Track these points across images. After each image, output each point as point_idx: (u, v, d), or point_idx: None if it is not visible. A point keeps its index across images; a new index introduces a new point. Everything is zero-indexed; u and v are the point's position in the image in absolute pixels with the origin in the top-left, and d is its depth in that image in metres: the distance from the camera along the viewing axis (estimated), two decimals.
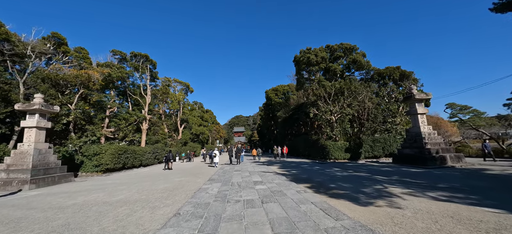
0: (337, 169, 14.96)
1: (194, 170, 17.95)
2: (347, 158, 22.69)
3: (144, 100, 31.99)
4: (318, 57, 26.22)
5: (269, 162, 22.82)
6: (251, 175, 12.58)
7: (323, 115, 23.84)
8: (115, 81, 26.09)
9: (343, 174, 12.54)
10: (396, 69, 24.52)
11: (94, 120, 23.73)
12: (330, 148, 22.51)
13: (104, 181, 14.62)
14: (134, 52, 32.67)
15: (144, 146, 30.04)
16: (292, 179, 10.98)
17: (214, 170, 16.84)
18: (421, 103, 17.67)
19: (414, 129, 17.51)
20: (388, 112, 23.16)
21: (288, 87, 57.32)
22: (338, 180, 10.23)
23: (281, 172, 13.93)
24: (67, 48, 23.09)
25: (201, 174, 15.07)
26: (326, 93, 23.35)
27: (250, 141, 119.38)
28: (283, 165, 19.20)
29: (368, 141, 22.92)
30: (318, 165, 19.04)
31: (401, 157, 17.65)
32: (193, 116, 60.82)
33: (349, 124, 22.98)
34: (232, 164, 21.38)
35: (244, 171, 14.91)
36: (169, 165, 21.25)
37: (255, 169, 16.37)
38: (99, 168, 21.53)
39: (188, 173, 16.24)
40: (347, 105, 22.94)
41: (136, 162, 26.06)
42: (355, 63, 26.18)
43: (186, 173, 16.00)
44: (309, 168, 16.14)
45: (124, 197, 8.66)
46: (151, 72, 35.80)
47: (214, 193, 8.04)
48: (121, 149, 23.09)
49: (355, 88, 22.51)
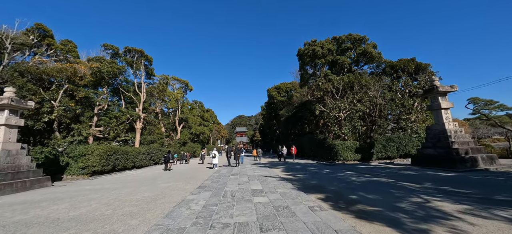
0: (350, 173, 12.85)
1: (188, 173, 15.99)
2: (358, 159, 20.54)
3: (139, 98, 30.14)
4: (324, 49, 24.06)
5: (272, 164, 20.79)
6: (249, 181, 10.54)
7: (330, 112, 21.72)
8: (106, 77, 24.27)
9: (360, 179, 10.44)
10: (411, 61, 22.26)
11: (82, 118, 21.92)
12: (339, 148, 20.38)
13: (82, 187, 12.72)
14: (128, 47, 30.85)
15: (138, 147, 28.19)
16: (300, 186, 8.92)
17: (209, 174, 14.85)
18: (445, 97, 15.50)
19: (437, 126, 15.33)
20: (403, 109, 20.97)
21: (290, 85, 55.19)
22: (358, 189, 8.15)
23: (285, 177, 11.88)
24: (52, 40, 21.31)
25: (193, 178, 13.08)
26: (334, 88, 21.24)
27: (252, 141, 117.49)
28: (287, 167, 17.13)
29: (381, 140, 20.73)
30: (326, 167, 16.93)
31: (422, 158, 15.47)
32: (193, 115, 58.98)
33: (359, 122, 20.84)
34: (230, 166, 19.37)
35: (242, 175, 12.88)
36: (169, 166, 20.20)
37: (255, 172, 14.34)
38: (85, 170, 19.70)
39: (180, 176, 14.28)
40: (357, 101, 20.81)
41: (128, 164, 24.21)
42: (365, 56, 23.95)
43: (178, 177, 14.03)
44: (318, 171, 14.06)
45: (84, 211, 6.77)
46: (147, 68, 33.98)
47: (198, 209, 6.03)
48: (110, 150, 21.24)
49: (366, 82, 20.37)
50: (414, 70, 22.15)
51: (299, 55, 29.05)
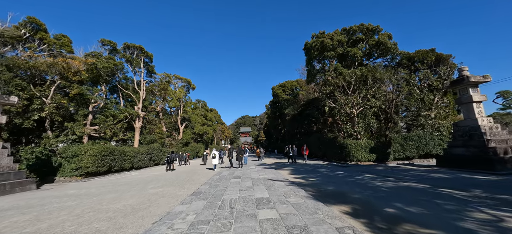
0: (371, 176, 11.09)
1: (186, 175, 14.48)
2: (373, 159, 18.69)
3: (138, 96, 28.90)
4: (334, 41, 22.21)
5: (278, 165, 19.12)
6: (253, 186, 8.93)
7: (342, 108, 19.91)
8: (103, 74, 23.07)
9: (386, 184, 8.70)
10: (430, 52, 20.22)
11: (76, 116, 20.71)
12: (351, 147, 18.57)
13: (65, 191, 11.36)
14: (127, 43, 29.65)
15: (138, 147, 26.92)
16: (316, 194, 7.26)
17: (209, 176, 13.30)
18: (476, 89, 13.57)
19: (468, 122, 13.40)
20: (422, 105, 19.03)
21: (296, 82, 53.32)
22: (391, 198, 6.43)
23: (295, 180, 10.22)
24: (45, 34, 20.18)
25: (190, 181, 11.55)
26: (345, 82, 19.44)
27: (256, 141, 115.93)
28: (295, 169, 15.45)
29: (398, 139, 18.83)
30: (340, 169, 15.18)
31: (451, 159, 13.57)
32: (196, 115, 57.74)
33: (374, 118, 18.99)
34: (233, 167, 17.82)
35: (246, 179, 11.27)
36: (172, 166, 19.57)
37: (260, 175, 12.72)
38: (78, 171, 18.46)
39: (177, 179, 12.78)
40: (372, 95, 18.96)
41: (126, 165, 22.93)
42: (378, 47, 22.00)
43: (174, 180, 12.54)
44: (331, 174, 12.33)
45: (45, 227, 5.47)
46: (147, 65, 32.77)
47: (182, 228, 4.45)
48: (106, 150, 19.96)
49: (381, 75, 18.53)
50: (434, 62, 20.11)
51: (305, 49, 27.31)
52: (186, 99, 49.73)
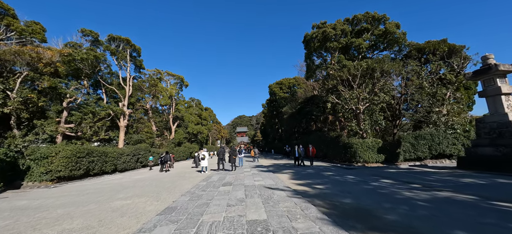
0: (390, 182, 9.16)
1: (168, 180, 12.34)
2: (381, 160, 16.85)
3: (124, 92, 26.57)
4: (337, 30, 20.28)
5: (276, 168, 17.15)
6: (246, 198, 6.90)
7: (346, 104, 18.02)
8: (82, 66, 20.74)
9: (419, 195, 6.75)
10: (442, 43, 18.46)
11: (48, 113, 18.37)
12: (357, 147, 16.69)
13: (15, 203, 9.16)
14: (112, 35, 27.25)
15: (122, 147, 24.63)
16: (331, 211, 5.26)
17: (195, 182, 11.22)
18: (504, 79, 11.80)
19: (496, 118, 11.60)
20: (433, 100, 17.29)
21: (294, 80, 51.49)
22: (441, 221, 4.47)
23: (298, 189, 8.22)
24: (12, 20, 17.76)
25: (169, 189, 9.46)
26: (350, 75, 17.57)
27: (253, 141, 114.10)
28: (296, 172, 13.46)
29: (408, 137, 17.03)
30: (347, 172, 13.25)
31: (476, 160, 11.76)
32: (190, 114, 55.46)
33: (382, 115, 17.17)
34: (224, 171, 15.77)
35: (237, 186, 9.23)
36: (166, 167, 18.85)
37: (255, 180, 10.69)
38: (48, 175, 16.20)
39: (156, 186, 10.66)
40: (379, 89, 17.13)
41: (107, 167, 20.67)
42: (385, 38, 20.14)
43: (152, 187, 10.42)
44: (341, 179, 10.36)
45: None
46: (135, 60, 30.43)
47: None
48: (82, 151, 17.71)
49: (390, 67, 16.72)
50: (447, 53, 18.37)
51: (305, 42, 25.40)
52: (179, 97, 47.39)
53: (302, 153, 15.88)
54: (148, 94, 35.54)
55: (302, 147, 16.33)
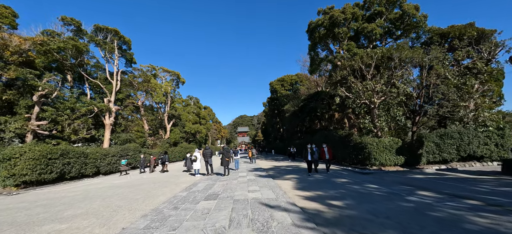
0: (433, 196, 6.71)
1: (143, 188, 9.97)
2: (400, 163, 14.36)
3: (110, 88, 24.29)
4: (346, 14, 17.83)
5: (276, 171, 14.77)
6: (229, 229, 4.50)
7: (357, 98, 15.57)
8: (61, 58, 18.50)
9: (501, 222, 4.30)
10: (469, 27, 15.96)
11: (16, 108, 16.14)
12: (372, 148, 14.23)
13: None
14: (98, 25, 24.95)
15: (107, 147, 22.36)
16: None
17: (173, 193, 8.84)
18: None
19: None
20: (460, 92, 14.80)
21: (296, 77, 49.05)
22: None
23: (309, 207, 5.81)
24: None
25: (132, 204, 7.10)
26: (364, 64, 15.14)
27: (254, 141, 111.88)
28: (302, 179, 11.05)
29: (432, 136, 14.54)
30: (365, 178, 10.82)
31: None
32: (187, 112, 53.27)
33: (400, 110, 14.71)
34: (215, 175, 13.41)
35: (223, 203, 6.84)
36: (165, 168, 18.21)
37: (249, 191, 8.29)
38: (12, 180, 13.93)
39: (122, 197, 8.29)
40: (397, 80, 14.68)
41: (88, 169, 18.43)
42: (401, 22, 17.53)
43: (117, 197, 8.05)
44: (363, 191, 7.92)
45: None
46: (124, 53, 28.13)
47: None
48: (54, 151, 15.47)
49: (411, 54, 14.27)
50: (475, 39, 15.85)
51: (309, 31, 22.98)
52: (175, 94, 45.10)
53: (316, 156, 11.60)
54: (141, 91, 33.30)
55: (315, 147, 11.86)
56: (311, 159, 11.44)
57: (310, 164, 11.61)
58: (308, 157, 11.48)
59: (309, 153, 11.43)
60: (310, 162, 11.57)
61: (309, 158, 11.47)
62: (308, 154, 11.49)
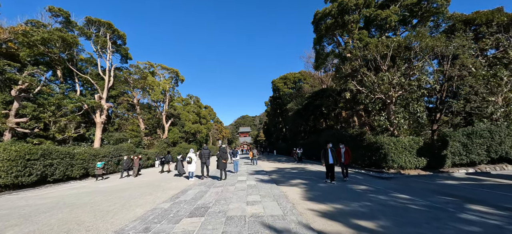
0: (492, 213, 4.99)
1: (127, 194, 8.38)
2: (422, 166, 12.61)
3: (102, 84, 22.83)
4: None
5: (280, 175, 13.13)
6: None
7: (371, 93, 13.87)
8: (46, 51, 17.08)
9: None
10: (497, 12, 14.14)
11: None
12: (390, 148, 12.51)
13: None
14: (90, 17, 23.52)
15: (98, 147, 20.88)
16: None
17: (154, 204, 7.22)
18: None
19: None
20: (488, 86, 13.02)
21: (299, 74, 47.31)
22: None
23: (329, 231, 4.15)
24: None
25: (110, 213, 5.48)
26: (379, 55, 13.45)
27: (256, 141, 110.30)
28: (312, 185, 9.38)
29: (458, 135, 12.77)
30: (386, 184, 9.13)
31: None
32: (187, 111, 51.79)
33: (421, 105, 12.97)
34: (210, 179, 11.79)
35: (212, 222, 5.20)
36: (168, 167, 18.67)
37: (247, 204, 6.65)
38: None
39: (88, 209, 6.68)
40: (417, 72, 12.95)
41: (74, 171, 16.96)
42: (419, 8, 15.67)
43: (82, 210, 6.44)
44: (396, 204, 6.23)
45: None
46: (118, 47, 26.69)
47: None
48: (34, 151, 13.99)
49: (434, 41, 12.53)
50: (505, 26, 14.03)
51: (315, 22, 21.32)
52: (174, 92, 43.63)
53: (330, 158, 9.31)
54: (137, 88, 31.84)
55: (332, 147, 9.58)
56: (333, 162, 9.31)
57: (332, 169, 9.42)
58: (329, 159, 9.28)
59: (330, 155, 9.33)
60: (331, 166, 9.37)
61: (330, 161, 9.29)
62: (329, 156, 9.30)
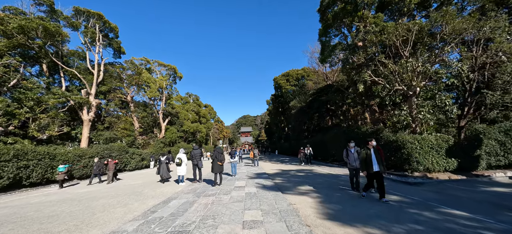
0: None
1: (100, 204, 6.61)
2: (453, 167, 10.73)
3: (91, 79, 21.13)
4: None
5: (285, 179, 11.33)
6: None
7: (389, 83, 12.01)
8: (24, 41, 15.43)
9: None
10: None
11: None
12: (414, 148, 10.65)
13: None
14: (78, 7, 21.88)
15: (85, 146, 19.17)
16: None
17: (115, 225, 5.41)
18: None
19: None
20: None
21: (302, 71, 45.41)
22: None
23: None
24: None
25: None
26: (399, 39, 11.61)
27: (257, 141, 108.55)
28: (327, 196, 7.56)
29: (494, 132, 10.89)
30: (423, 194, 7.28)
31: None
32: (186, 110, 50.03)
33: (450, 97, 11.11)
34: (203, 183, 10.03)
35: None
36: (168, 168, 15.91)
37: (243, 227, 4.82)
38: None
39: (35, 228, 4.90)
40: (444, 59, 11.09)
41: (55, 174, 15.22)
42: None
43: (33, 224, 4.66)
44: (450, 225, 4.37)
45: None
46: (110, 41, 24.98)
47: None
48: (5, 152, 12.35)
49: (463, 24, 10.71)
50: None
51: (321, 10, 19.49)
52: (171, 90, 41.96)
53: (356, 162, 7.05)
54: (132, 85, 30.15)
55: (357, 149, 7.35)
56: (357, 165, 6.98)
57: (355, 174, 7.25)
58: (354, 162, 7.07)
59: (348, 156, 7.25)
60: (357, 171, 7.19)
61: (355, 164, 7.06)
62: (353, 157, 7.10)
